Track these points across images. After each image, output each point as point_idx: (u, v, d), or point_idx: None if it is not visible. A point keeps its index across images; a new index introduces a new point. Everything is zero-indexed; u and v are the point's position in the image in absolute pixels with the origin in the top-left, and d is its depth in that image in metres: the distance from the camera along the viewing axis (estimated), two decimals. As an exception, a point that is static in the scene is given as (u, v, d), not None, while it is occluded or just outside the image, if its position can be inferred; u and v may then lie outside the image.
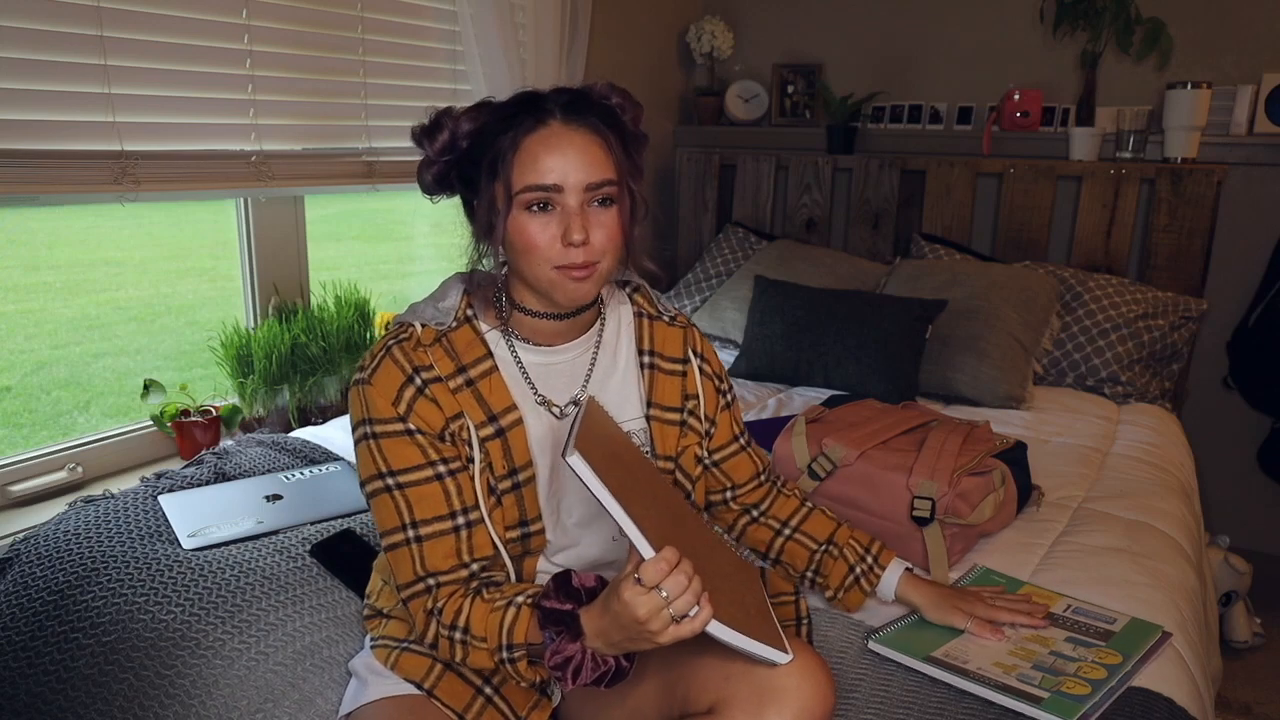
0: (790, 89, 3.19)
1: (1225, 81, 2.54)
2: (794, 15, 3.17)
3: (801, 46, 3.18)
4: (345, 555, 1.42)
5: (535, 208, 1.02)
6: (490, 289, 1.15)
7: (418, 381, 1.05)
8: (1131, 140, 2.58)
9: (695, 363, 1.23)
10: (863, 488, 1.53)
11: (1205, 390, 2.67)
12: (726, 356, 2.61)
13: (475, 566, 1.05)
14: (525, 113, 1.04)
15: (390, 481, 1.04)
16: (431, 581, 1.04)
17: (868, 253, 2.90)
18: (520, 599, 1.00)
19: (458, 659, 1.03)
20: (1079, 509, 1.70)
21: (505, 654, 0.99)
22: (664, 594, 0.86)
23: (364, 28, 2.06)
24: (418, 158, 1.12)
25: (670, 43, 3.26)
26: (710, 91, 3.26)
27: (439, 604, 1.03)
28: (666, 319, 1.23)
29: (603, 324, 1.19)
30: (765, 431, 1.96)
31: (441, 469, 1.05)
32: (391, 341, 1.07)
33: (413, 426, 1.04)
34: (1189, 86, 2.44)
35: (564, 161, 1.01)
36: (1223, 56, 2.57)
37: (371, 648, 1.16)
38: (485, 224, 1.07)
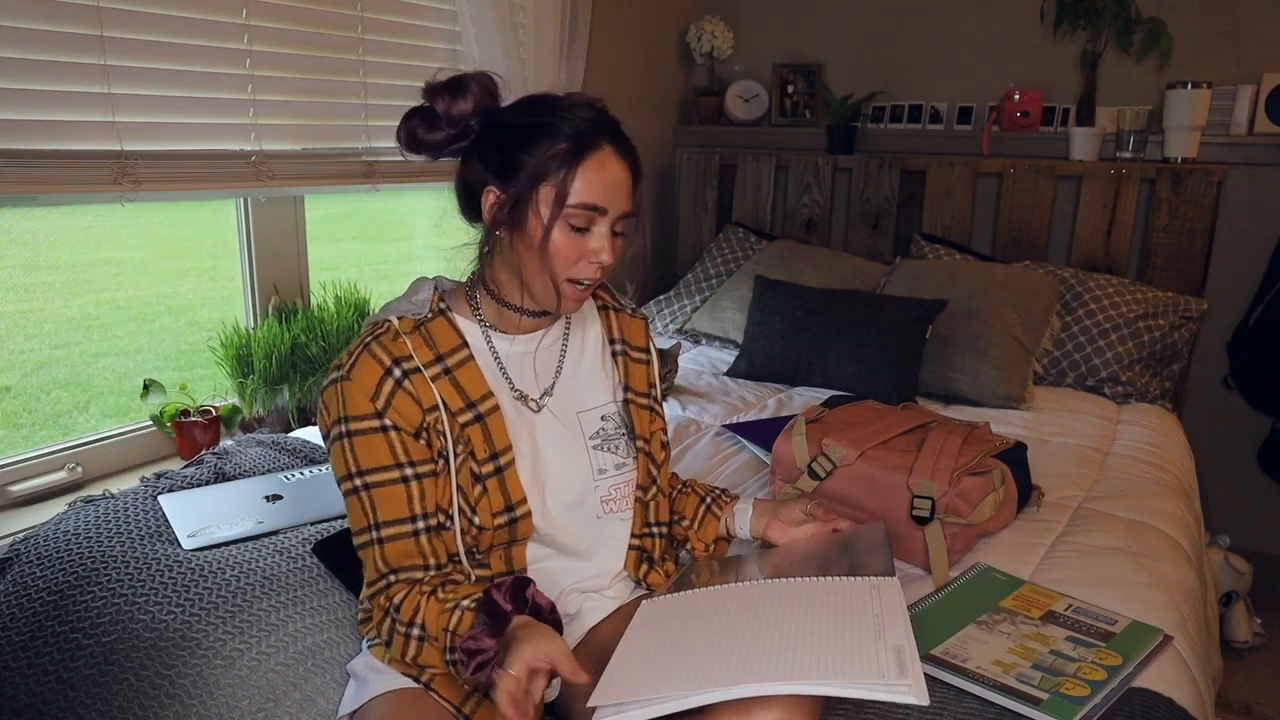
0: (790, 89, 3.19)
1: (1225, 81, 2.54)
2: (794, 15, 3.17)
3: (801, 46, 3.18)
4: (347, 555, 1.42)
5: (577, 223, 1.06)
6: (460, 286, 1.20)
7: (396, 374, 1.07)
8: (1131, 140, 2.58)
9: (653, 356, 1.30)
10: (863, 487, 1.52)
11: (1205, 390, 2.67)
12: (726, 356, 2.61)
13: (433, 563, 1.08)
14: (571, 122, 1.05)
15: (359, 482, 1.06)
16: (392, 578, 1.07)
17: (868, 253, 2.90)
18: (466, 602, 1.03)
19: (409, 657, 1.05)
20: (1079, 509, 1.70)
21: (449, 655, 1.02)
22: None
23: (364, 28, 2.06)
24: (416, 155, 1.13)
25: (670, 43, 3.26)
26: (710, 91, 3.26)
27: (395, 600, 1.05)
28: (629, 311, 1.29)
29: (569, 315, 1.23)
30: (765, 431, 1.96)
31: (409, 471, 1.07)
32: (369, 338, 1.09)
33: (389, 422, 1.06)
34: (1189, 86, 2.44)
35: (613, 189, 1.07)
36: (1223, 56, 2.57)
37: (369, 647, 1.17)
38: (510, 215, 1.08)
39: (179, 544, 1.40)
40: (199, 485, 1.60)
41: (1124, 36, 2.61)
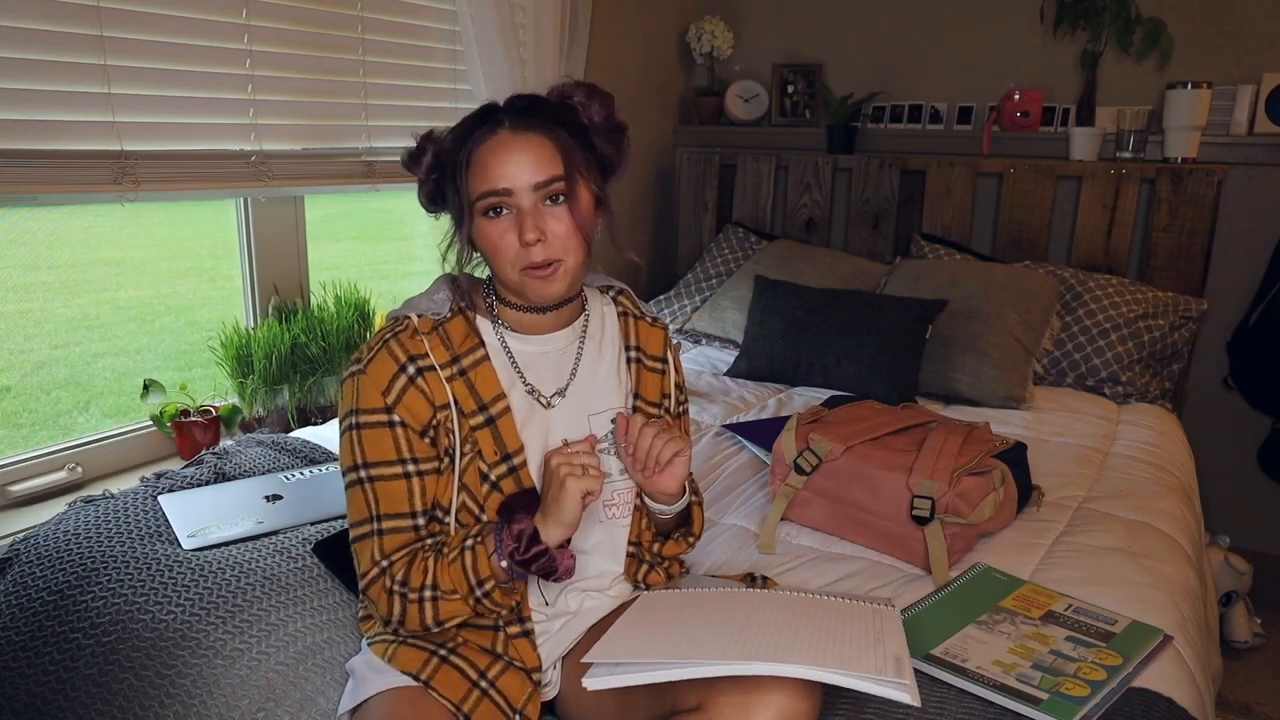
0: (790, 89, 3.19)
1: (1225, 81, 2.54)
2: (794, 15, 3.17)
3: (801, 46, 3.18)
4: (347, 555, 1.42)
5: (491, 213, 1.08)
6: (478, 285, 1.21)
7: (410, 371, 1.10)
8: (1132, 140, 2.58)
9: (670, 366, 1.29)
10: (863, 487, 1.53)
11: (1205, 390, 2.67)
12: (726, 356, 2.61)
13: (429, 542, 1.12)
14: (480, 124, 1.09)
15: (363, 474, 1.09)
16: (385, 564, 1.09)
17: (868, 253, 2.90)
18: (470, 541, 1.07)
19: (429, 619, 1.07)
20: (1079, 509, 1.70)
21: (479, 590, 1.05)
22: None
23: (364, 28, 2.06)
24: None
25: (670, 43, 3.26)
26: (710, 91, 3.26)
27: (398, 576, 1.08)
28: (649, 320, 1.29)
29: (587, 318, 1.23)
30: (765, 431, 1.97)
31: (411, 468, 1.10)
32: (389, 335, 1.12)
33: (397, 418, 1.09)
34: (1189, 86, 2.44)
35: (511, 166, 1.06)
36: (1223, 56, 2.57)
37: (369, 645, 1.18)
38: (457, 231, 1.13)
39: (179, 544, 1.40)
40: (199, 485, 1.60)
41: (1124, 36, 2.61)
